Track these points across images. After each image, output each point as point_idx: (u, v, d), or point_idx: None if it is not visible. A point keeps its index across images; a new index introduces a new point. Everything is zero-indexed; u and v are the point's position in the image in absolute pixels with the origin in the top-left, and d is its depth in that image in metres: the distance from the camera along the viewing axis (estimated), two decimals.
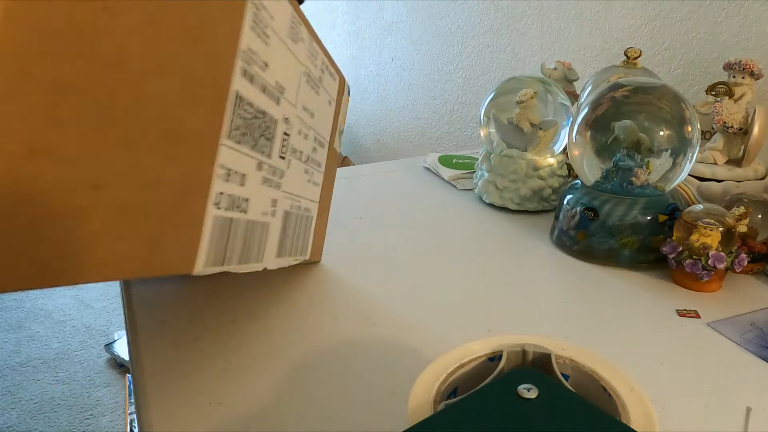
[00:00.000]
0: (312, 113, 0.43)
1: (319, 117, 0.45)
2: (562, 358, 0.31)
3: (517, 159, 0.71)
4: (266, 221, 0.38)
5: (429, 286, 0.54)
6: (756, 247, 0.55)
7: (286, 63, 0.36)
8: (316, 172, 0.47)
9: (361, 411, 0.37)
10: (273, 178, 0.37)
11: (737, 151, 0.70)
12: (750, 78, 0.69)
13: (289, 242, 0.43)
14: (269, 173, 0.37)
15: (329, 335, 0.46)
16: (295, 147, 0.41)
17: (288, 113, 0.38)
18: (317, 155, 0.46)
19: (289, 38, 0.36)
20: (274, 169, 0.37)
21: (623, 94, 0.61)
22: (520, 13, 1.15)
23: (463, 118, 1.39)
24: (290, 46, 0.36)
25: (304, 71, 0.40)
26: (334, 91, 0.48)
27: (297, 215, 0.44)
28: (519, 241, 0.64)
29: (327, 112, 0.46)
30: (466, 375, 0.31)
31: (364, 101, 1.77)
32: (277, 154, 0.37)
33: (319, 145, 0.46)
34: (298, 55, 0.38)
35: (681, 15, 0.86)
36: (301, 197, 0.44)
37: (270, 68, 0.34)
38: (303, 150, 0.42)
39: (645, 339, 0.46)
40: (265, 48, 0.33)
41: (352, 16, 1.73)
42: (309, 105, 0.42)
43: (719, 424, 0.37)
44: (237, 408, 0.37)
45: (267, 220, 0.38)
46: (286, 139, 0.38)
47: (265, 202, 0.37)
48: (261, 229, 0.37)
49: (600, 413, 0.25)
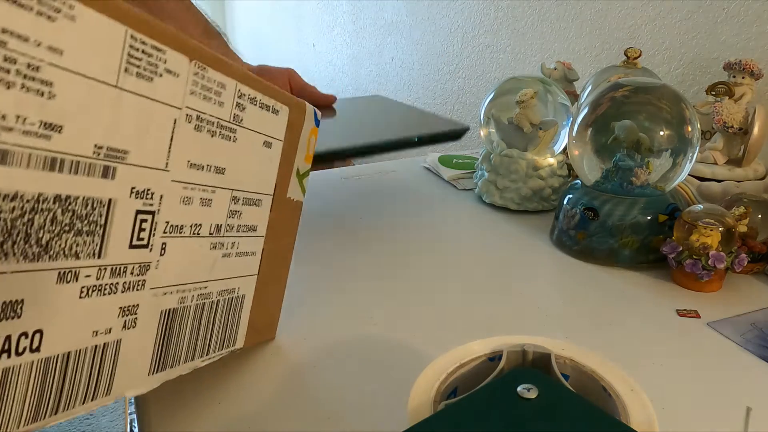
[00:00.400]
0: (221, 169, 0.33)
1: (239, 169, 0.34)
2: (562, 358, 0.31)
3: (517, 159, 0.71)
4: (103, 342, 0.28)
5: (429, 285, 0.54)
6: (756, 247, 0.55)
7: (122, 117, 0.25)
8: (245, 241, 0.37)
9: (361, 411, 0.37)
10: (115, 281, 0.28)
11: (737, 151, 0.70)
12: (750, 78, 0.69)
13: (186, 346, 0.34)
14: (100, 278, 0.27)
15: (329, 335, 0.46)
16: (177, 223, 0.31)
17: (141, 184, 0.27)
18: (244, 218, 0.36)
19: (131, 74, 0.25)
20: (117, 269, 0.27)
21: (623, 94, 0.61)
22: (520, 13, 1.15)
23: (463, 118, 1.39)
24: (132, 86, 0.25)
25: (182, 116, 0.29)
26: (275, 128, 0.37)
27: (200, 306, 0.34)
28: (519, 241, 0.64)
29: (260, 158, 0.36)
30: (466, 375, 0.31)
31: None
32: (122, 247, 0.27)
33: (248, 203, 0.36)
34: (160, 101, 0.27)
35: (681, 15, 0.86)
36: (210, 280, 0.35)
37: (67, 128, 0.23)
38: (202, 222, 0.33)
39: (645, 339, 0.46)
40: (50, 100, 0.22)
41: (352, 16, 1.73)
42: (209, 159, 0.32)
43: (719, 424, 0.37)
44: (237, 408, 0.37)
45: (104, 340, 0.28)
46: (145, 220, 0.28)
47: (95, 320, 0.27)
48: (90, 356, 0.27)
49: (600, 413, 0.25)
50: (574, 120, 0.63)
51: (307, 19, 2.00)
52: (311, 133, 0.41)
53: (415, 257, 0.60)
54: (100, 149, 0.25)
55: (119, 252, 0.27)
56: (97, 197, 0.25)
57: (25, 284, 0.23)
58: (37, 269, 0.23)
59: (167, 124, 0.28)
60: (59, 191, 0.23)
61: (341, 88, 1.85)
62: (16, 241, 0.22)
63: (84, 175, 0.24)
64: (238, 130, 0.33)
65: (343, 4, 1.77)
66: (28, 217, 0.22)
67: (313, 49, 1.99)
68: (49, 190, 0.23)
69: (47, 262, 0.24)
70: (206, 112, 0.30)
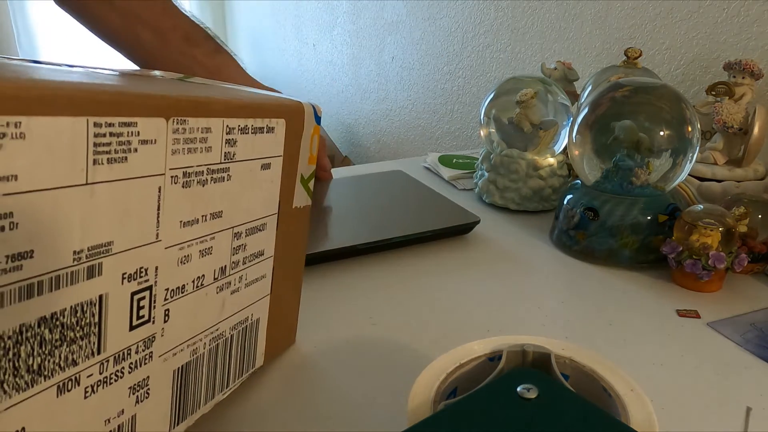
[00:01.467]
0: (217, 213, 0.31)
1: (238, 204, 0.32)
2: (562, 358, 0.31)
3: (517, 159, 0.71)
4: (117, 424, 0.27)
5: (429, 285, 0.54)
6: (756, 248, 0.55)
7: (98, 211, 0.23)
8: (252, 268, 0.35)
9: (361, 411, 0.37)
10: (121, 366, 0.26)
11: (737, 151, 0.70)
12: (750, 78, 0.69)
13: (205, 389, 0.33)
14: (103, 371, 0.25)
15: (329, 335, 0.46)
16: (177, 284, 0.29)
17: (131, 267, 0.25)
18: (249, 249, 0.35)
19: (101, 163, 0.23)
20: (121, 355, 0.26)
21: (623, 94, 0.61)
22: (520, 12, 1.15)
23: (463, 118, 1.39)
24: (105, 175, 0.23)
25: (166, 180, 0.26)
26: (272, 147, 0.34)
27: (215, 348, 0.33)
28: (519, 241, 0.64)
29: (259, 182, 0.34)
30: (466, 375, 0.31)
31: (364, 101, 1.77)
32: (123, 332, 0.26)
33: (251, 233, 0.35)
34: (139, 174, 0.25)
35: (681, 15, 0.86)
36: (221, 321, 0.33)
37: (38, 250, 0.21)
38: (204, 273, 0.31)
39: (645, 339, 0.46)
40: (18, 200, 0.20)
41: (352, 16, 1.73)
42: (203, 209, 0.29)
43: (719, 424, 0.37)
44: (237, 408, 0.37)
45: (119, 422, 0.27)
46: (143, 297, 0.26)
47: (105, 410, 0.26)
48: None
49: (600, 413, 0.25)
50: (574, 120, 0.63)
51: (307, 19, 2.00)
52: (313, 134, 0.39)
53: (415, 257, 0.60)
54: (80, 253, 0.22)
55: (120, 339, 0.26)
56: (85, 300, 0.23)
57: (23, 413, 0.22)
58: (33, 395, 0.22)
59: (151, 196, 0.26)
60: (42, 313, 0.21)
61: (341, 87, 1.85)
62: (4, 380, 0.20)
63: (67, 285, 0.22)
64: (231, 167, 0.31)
65: (343, 4, 1.77)
66: (12, 352, 0.21)
67: (313, 49, 1.99)
68: (30, 317, 0.21)
69: (43, 383, 0.22)
70: (193, 165, 0.28)
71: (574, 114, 0.64)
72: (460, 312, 0.50)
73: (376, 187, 0.76)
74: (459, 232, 0.64)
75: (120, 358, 0.26)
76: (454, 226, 0.63)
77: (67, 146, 0.21)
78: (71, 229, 0.22)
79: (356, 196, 0.73)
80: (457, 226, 0.63)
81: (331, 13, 1.84)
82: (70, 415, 0.24)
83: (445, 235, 0.64)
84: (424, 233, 0.61)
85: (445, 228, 0.62)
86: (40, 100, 0.20)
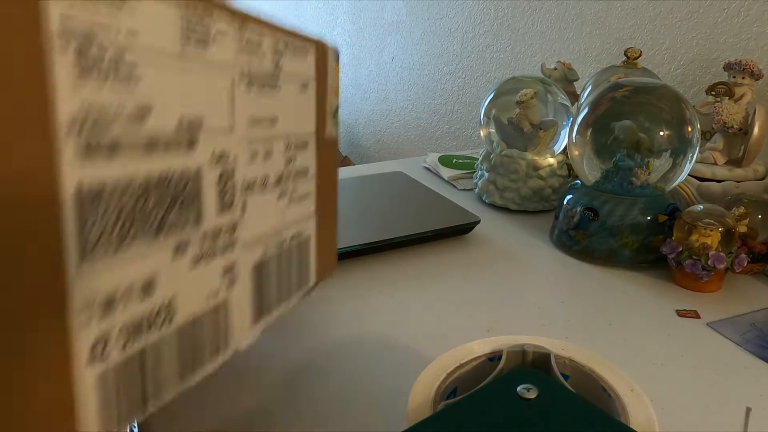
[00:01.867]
0: (274, 118, 0.34)
1: (288, 115, 0.36)
2: (562, 358, 0.31)
3: (517, 159, 0.71)
4: (215, 304, 0.29)
5: (429, 285, 0.54)
6: (756, 248, 0.55)
7: (191, 85, 0.27)
8: (301, 183, 0.38)
9: (361, 411, 0.37)
10: (215, 245, 0.29)
11: (737, 151, 0.70)
12: (750, 78, 0.69)
13: (275, 292, 0.36)
14: (203, 245, 0.28)
15: (329, 335, 0.46)
16: (250, 179, 0.32)
17: (218, 147, 0.29)
18: (298, 162, 0.37)
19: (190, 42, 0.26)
20: (214, 233, 0.29)
21: (623, 94, 0.61)
22: (520, 13, 1.15)
23: (463, 118, 1.39)
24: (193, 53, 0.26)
25: (237, 75, 0.30)
26: (307, 69, 0.37)
27: (279, 254, 0.36)
28: (519, 241, 0.64)
29: (300, 101, 0.37)
30: (466, 375, 0.31)
31: (364, 101, 1.77)
32: (214, 211, 0.29)
33: (299, 147, 0.37)
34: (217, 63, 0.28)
35: (681, 15, 0.86)
36: (283, 228, 0.36)
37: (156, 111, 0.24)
38: (268, 173, 0.33)
39: (645, 339, 0.46)
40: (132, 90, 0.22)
41: (352, 16, 1.73)
42: (263, 111, 0.33)
43: (719, 424, 0.37)
44: (237, 408, 0.37)
45: (216, 302, 0.29)
46: (226, 181, 0.30)
47: (206, 284, 0.29)
48: (209, 320, 0.29)
49: (600, 413, 0.25)
50: (574, 120, 0.63)
51: (307, 19, 2.00)
52: (335, 69, 0.41)
53: (415, 257, 0.60)
54: (182, 121, 0.25)
55: (212, 217, 0.28)
56: (187, 169, 0.26)
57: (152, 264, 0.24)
58: (158, 249, 0.24)
59: (226, 86, 0.29)
60: (161, 170, 0.24)
61: (341, 87, 1.85)
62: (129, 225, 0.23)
63: (174, 150, 0.25)
64: (280, 77, 0.34)
65: (343, 4, 1.77)
66: (143, 199, 0.23)
67: None
68: (153, 171, 0.24)
69: (166, 239, 0.25)
70: (254, 65, 0.31)
71: (574, 114, 0.64)
72: (460, 312, 0.50)
73: (376, 187, 0.76)
74: (459, 233, 0.64)
75: (214, 236, 0.28)
76: (454, 227, 0.63)
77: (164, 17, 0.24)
78: (174, 95, 0.25)
79: (357, 197, 0.73)
80: (457, 227, 0.63)
81: (331, 13, 1.84)
82: (182, 282, 0.26)
83: (445, 236, 0.64)
84: (424, 233, 0.61)
85: (445, 228, 0.62)
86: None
